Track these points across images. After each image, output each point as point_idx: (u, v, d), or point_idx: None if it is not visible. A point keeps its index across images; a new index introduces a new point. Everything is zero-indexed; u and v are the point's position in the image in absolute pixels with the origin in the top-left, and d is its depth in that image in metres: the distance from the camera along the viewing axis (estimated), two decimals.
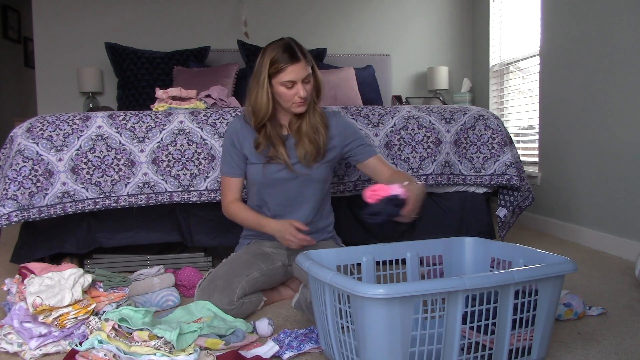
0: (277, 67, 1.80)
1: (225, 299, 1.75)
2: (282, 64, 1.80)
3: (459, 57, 4.66)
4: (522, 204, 2.66)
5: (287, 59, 1.80)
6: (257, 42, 4.16)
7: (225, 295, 1.75)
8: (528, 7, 3.73)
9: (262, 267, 1.89)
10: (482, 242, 1.76)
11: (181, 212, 2.44)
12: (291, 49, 1.81)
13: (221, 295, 1.75)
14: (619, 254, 2.65)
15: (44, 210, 2.22)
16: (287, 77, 1.81)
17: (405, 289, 1.20)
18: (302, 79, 1.82)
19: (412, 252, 1.73)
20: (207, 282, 1.82)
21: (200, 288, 1.83)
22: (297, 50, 1.82)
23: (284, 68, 1.80)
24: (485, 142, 2.56)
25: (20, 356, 1.52)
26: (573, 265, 1.38)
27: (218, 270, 1.87)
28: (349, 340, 1.30)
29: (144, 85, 3.90)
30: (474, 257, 1.76)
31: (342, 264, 1.61)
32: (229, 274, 1.82)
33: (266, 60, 1.82)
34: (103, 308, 1.63)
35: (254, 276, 1.85)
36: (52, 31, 4.22)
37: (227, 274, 1.82)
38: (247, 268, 1.86)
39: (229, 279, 1.80)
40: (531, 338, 1.37)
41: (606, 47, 2.74)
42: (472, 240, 1.77)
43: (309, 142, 1.90)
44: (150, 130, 2.33)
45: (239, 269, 1.85)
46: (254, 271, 1.86)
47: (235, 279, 1.80)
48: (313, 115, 1.92)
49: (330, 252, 1.62)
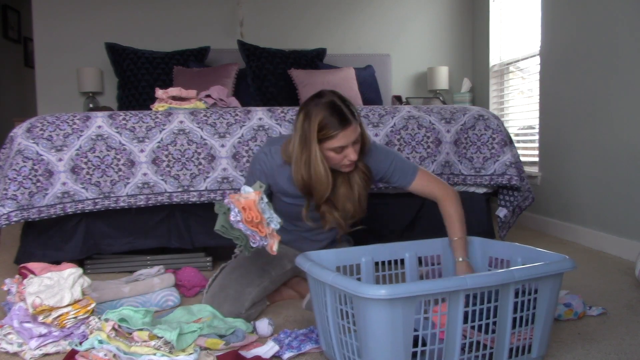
0: (326, 134, 1.63)
1: (235, 310, 1.73)
2: (332, 130, 1.62)
3: (459, 57, 4.66)
4: (522, 204, 2.66)
5: (338, 124, 1.62)
6: (258, 42, 4.16)
7: (235, 307, 1.74)
8: (528, 7, 3.73)
9: (272, 274, 1.86)
10: (480, 241, 1.76)
11: (180, 214, 2.44)
12: (340, 111, 1.63)
13: (231, 307, 1.73)
14: (619, 254, 2.65)
15: (44, 210, 2.22)
16: (338, 144, 1.64)
17: (407, 289, 1.20)
18: (353, 142, 1.67)
19: (410, 252, 1.73)
20: (218, 288, 1.79)
21: (210, 293, 1.80)
22: (346, 112, 1.64)
23: (334, 135, 1.63)
24: (485, 142, 2.56)
25: (20, 356, 1.52)
26: (572, 263, 1.39)
27: (230, 275, 1.82)
28: (350, 341, 1.30)
29: (144, 85, 3.89)
30: (472, 256, 1.76)
31: (342, 264, 1.61)
32: (241, 282, 1.78)
33: (313, 125, 1.63)
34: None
35: (264, 285, 1.83)
36: (52, 31, 4.22)
37: (239, 283, 1.78)
38: (259, 276, 1.82)
39: (240, 289, 1.76)
40: (531, 337, 1.37)
41: (606, 47, 2.74)
42: (471, 240, 1.78)
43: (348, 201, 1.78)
44: (150, 130, 2.33)
45: (252, 277, 1.81)
46: (265, 280, 1.83)
47: (246, 289, 1.77)
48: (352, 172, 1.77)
49: (329, 253, 1.62)
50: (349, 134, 1.64)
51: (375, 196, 2.56)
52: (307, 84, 3.82)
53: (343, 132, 1.63)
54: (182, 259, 2.47)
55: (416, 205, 2.61)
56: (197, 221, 2.44)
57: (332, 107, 1.64)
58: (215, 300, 1.76)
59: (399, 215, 2.60)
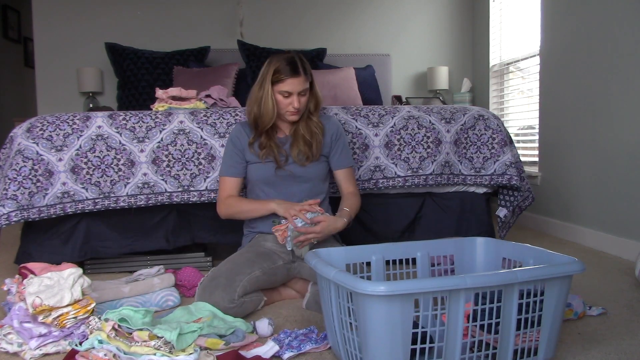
0: (278, 77, 1.96)
1: (227, 296, 1.75)
2: (283, 75, 1.95)
3: (459, 57, 4.66)
4: (522, 204, 2.66)
5: (289, 71, 1.95)
6: (258, 42, 4.16)
7: (226, 293, 1.76)
8: (528, 7, 3.73)
9: (264, 265, 1.90)
10: (494, 243, 1.75)
11: (179, 214, 2.44)
12: (294, 63, 1.97)
13: (223, 292, 1.76)
14: (619, 254, 2.65)
15: (44, 210, 2.22)
16: (285, 88, 1.96)
17: (406, 286, 1.21)
18: (299, 92, 1.97)
19: (422, 251, 1.72)
20: (208, 280, 1.83)
21: (201, 285, 1.83)
22: (299, 65, 1.97)
23: (284, 79, 1.96)
24: (485, 142, 2.56)
25: (20, 356, 1.52)
26: (580, 265, 1.36)
27: (220, 268, 1.88)
28: (353, 337, 1.31)
29: (144, 85, 3.89)
30: (485, 257, 1.75)
31: (352, 262, 1.61)
32: (231, 271, 1.83)
33: (270, 69, 1.98)
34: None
35: (255, 275, 1.86)
36: (52, 31, 4.22)
37: (229, 272, 1.83)
38: (249, 266, 1.87)
39: (230, 276, 1.81)
40: (537, 339, 1.37)
41: (606, 47, 2.74)
42: (484, 241, 1.76)
43: (304, 143, 2.04)
44: (150, 130, 2.33)
45: (241, 267, 1.86)
46: (255, 270, 1.87)
47: (237, 277, 1.81)
48: (308, 122, 2.07)
49: (339, 251, 1.63)
50: (297, 83, 1.96)
51: (375, 196, 2.56)
52: None
53: (291, 80, 1.95)
54: (182, 259, 2.47)
55: (416, 206, 2.61)
56: (196, 219, 2.44)
57: (289, 59, 1.98)
58: (207, 290, 1.78)
59: (399, 215, 2.60)
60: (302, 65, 1.98)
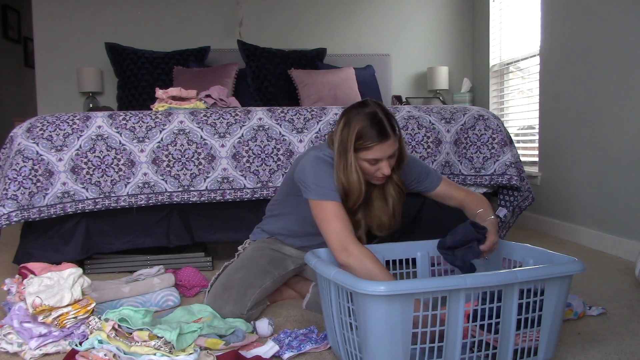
0: (362, 144, 1.61)
1: (237, 311, 1.74)
2: (369, 141, 1.61)
3: (459, 57, 4.66)
4: (522, 204, 2.66)
5: (376, 136, 1.60)
6: (258, 42, 4.16)
7: (237, 308, 1.74)
8: (528, 7, 3.73)
9: (275, 274, 1.87)
10: None
11: (180, 212, 2.44)
12: (380, 124, 1.61)
13: (233, 307, 1.74)
14: (619, 254, 2.65)
15: (44, 210, 2.22)
16: (372, 156, 1.63)
17: (406, 286, 1.21)
18: (389, 156, 1.65)
19: (422, 251, 1.72)
20: (220, 289, 1.79)
21: (212, 294, 1.80)
22: (386, 125, 1.62)
23: (370, 147, 1.61)
24: (485, 142, 2.56)
25: (20, 356, 1.52)
26: (579, 265, 1.36)
27: (233, 276, 1.83)
28: (353, 337, 1.31)
29: (144, 85, 3.90)
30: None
31: None
32: (243, 283, 1.79)
33: (352, 133, 1.62)
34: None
35: (266, 286, 1.83)
36: (52, 31, 4.22)
37: (241, 283, 1.79)
38: (261, 277, 1.83)
39: (242, 290, 1.77)
40: (537, 338, 1.37)
41: (606, 47, 2.74)
42: None
43: (382, 212, 1.78)
44: (150, 130, 2.33)
45: (254, 278, 1.82)
46: (267, 281, 1.84)
47: (249, 291, 1.78)
48: (387, 186, 1.77)
49: None
50: (386, 148, 1.62)
51: None
52: (307, 84, 3.82)
53: (380, 145, 1.61)
54: (182, 259, 2.47)
55: (416, 206, 2.61)
56: (196, 218, 2.45)
57: (373, 118, 1.62)
58: (217, 302, 1.77)
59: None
60: (390, 122, 1.63)
